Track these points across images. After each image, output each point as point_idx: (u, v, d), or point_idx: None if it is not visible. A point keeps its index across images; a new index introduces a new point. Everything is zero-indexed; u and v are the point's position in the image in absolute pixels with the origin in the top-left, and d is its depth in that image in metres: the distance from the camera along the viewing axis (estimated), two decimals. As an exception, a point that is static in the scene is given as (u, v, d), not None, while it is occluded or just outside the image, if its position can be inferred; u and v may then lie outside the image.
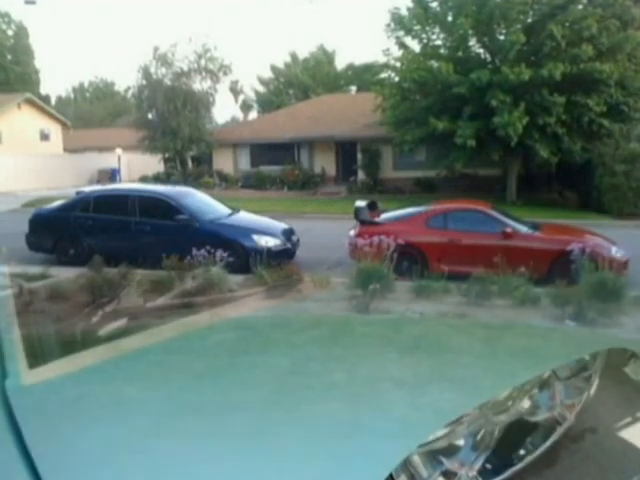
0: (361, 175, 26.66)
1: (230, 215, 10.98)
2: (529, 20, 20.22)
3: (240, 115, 55.86)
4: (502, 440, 1.09)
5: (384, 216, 10.26)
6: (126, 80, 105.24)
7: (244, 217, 11.20)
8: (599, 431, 1.30)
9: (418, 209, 10.36)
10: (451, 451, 1.03)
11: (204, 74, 29.06)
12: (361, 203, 10.39)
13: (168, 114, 27.31)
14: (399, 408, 1.06)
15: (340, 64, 50.46)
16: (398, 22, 21.54)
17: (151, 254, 8.73)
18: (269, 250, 9.30)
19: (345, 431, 0.94)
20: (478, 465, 1.04)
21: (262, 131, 29.03)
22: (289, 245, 10.25)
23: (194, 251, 7.83)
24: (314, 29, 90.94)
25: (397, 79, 22.26)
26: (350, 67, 49.08)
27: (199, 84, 29.29)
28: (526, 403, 1.20)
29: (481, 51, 21.32)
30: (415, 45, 22.18)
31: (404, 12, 21.59)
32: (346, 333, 6.17)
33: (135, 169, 34.30)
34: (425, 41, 21.76)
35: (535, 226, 9.80)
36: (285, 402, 1.14)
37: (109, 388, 1.31)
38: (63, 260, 10.27)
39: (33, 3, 26.73)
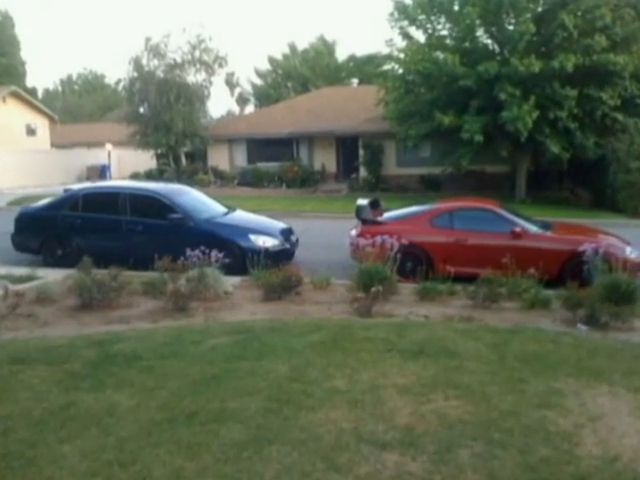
0: (363, 172, 26.68)
1: (226, 214, 10.99)
2: (539, 9, 20.24)
3: (236, 109, 55.90)
4: None
5: (387, 215, 10.27)
6: (117, 72, 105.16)
7: (241, 216, 11.21)
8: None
9: (422, 208, 10.36)
10: None
11: (198, 66, 29.05)
12: (363, 201, 10.40)
13: (161, 108, 27.30)
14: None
15: (341, 55, 50.68)
16: (402, 11, 21.55)
17: (143, 255, 8.73)
18: (267, 250, 9.31)
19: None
20: None
21: (259, 126, 29.05)
22: (288, 245, 10.26)
23: (188, 251, 7.80)
24: (314, 18, 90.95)
25: (401, 71, 22.25)
26: (351, 58, 49.12)
27: (193, 76, 29.31)
28: None
29: (489, 42, 21.32)
30: (420, 35, 22.25)
31: (408, 1, 21.61)
32: (347, 337, 6.21)
33: (126, 165, 34.30)
34: (430, 31, 21.77)
35: (546, 225, 9.81)
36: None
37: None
38: (50, 261, 10.27)
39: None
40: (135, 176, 29.43)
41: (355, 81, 47.86)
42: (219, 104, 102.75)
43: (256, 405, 4.05)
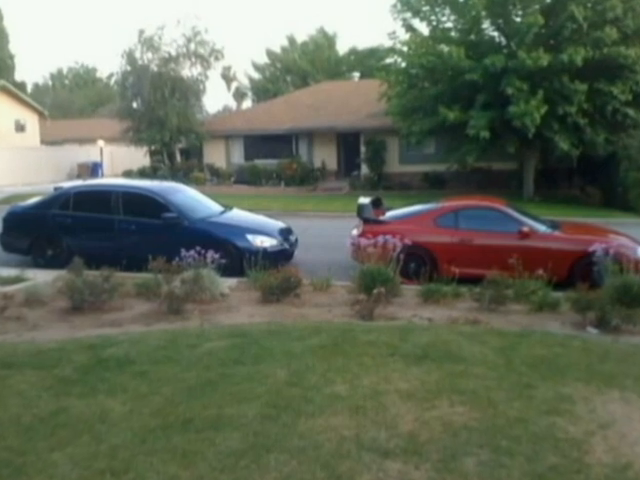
0: (364, 169, 26.69)
1: (222, 213, 10.99)
2: (548, 0, 20.21)
3: (233, 104, 55.94)
4: None
5: (389, 214, 10.28)
6: (109, 66, 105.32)
7: (237, 215, 11.22)
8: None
9: (426, 207, 10.38)
10: None
11: (194, 59, 29.09)
12: (365, 200, 10.40)
13: (155, 103, 27.31)
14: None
15: (342, 48, 50.64)
16: (405, 3, 21.54)
17: (136, 255, 8.73)
18: (265, 251, 9.31)
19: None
20: None
21: (257, 121, 29.05)
22: (286, 245, 10.26)
23: (183, 252, 7.81)
24: (313, 10, 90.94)
25: (404, 65, 22.27)
26: (353, 52, 49.14)
27: (188, 70, 29.38)
28: None
29: (495, 34, 21.34)
30: (424, 28, 22.26)
31: (411, -8, 21.61)
32: (348, 341, 6.22)
33: (118, 163, 34.31)
34: (434, 23, 21.76)
35: (554, 225, 9.82)
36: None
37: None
38: (40, 262, 10.27)
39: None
40: (128, 174, 29.43)
41: (356, 75, 47.87)
42: (215, 99, 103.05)
43: (254, 411, 4.05)
